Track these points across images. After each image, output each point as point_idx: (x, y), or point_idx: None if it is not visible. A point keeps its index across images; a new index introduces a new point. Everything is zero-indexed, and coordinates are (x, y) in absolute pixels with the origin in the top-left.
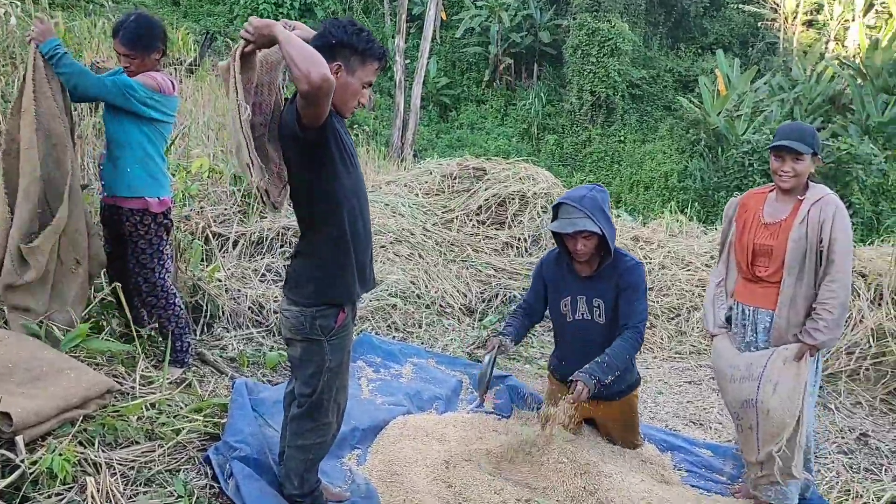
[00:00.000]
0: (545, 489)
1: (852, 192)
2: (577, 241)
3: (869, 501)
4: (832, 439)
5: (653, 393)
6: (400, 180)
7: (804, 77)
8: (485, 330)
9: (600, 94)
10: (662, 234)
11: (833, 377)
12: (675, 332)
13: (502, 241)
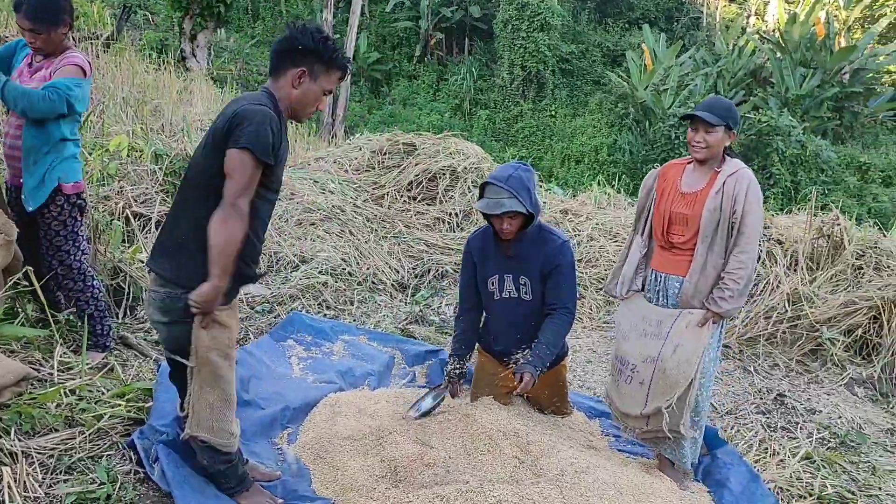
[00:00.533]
0: (476, 459)
1: (773, 163)
2: (503, 221)
3: (785, 458)
4: (751, 400)
5: (582, 362)
6: (329, 157)
7: (726, 51)
8: (417, 305)
9: (531, 68)
10: (591, 207)
11: (752, 341)
12: (604, 302)
13: (433, 216)
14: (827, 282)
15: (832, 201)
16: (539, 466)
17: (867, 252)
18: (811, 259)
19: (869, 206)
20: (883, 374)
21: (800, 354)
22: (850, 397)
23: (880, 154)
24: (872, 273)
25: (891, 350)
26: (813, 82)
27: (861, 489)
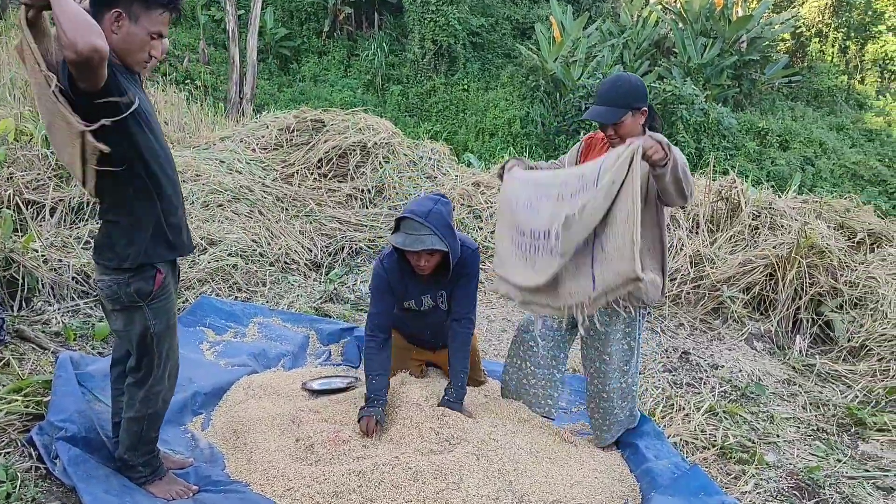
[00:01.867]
0: (393, 434)
1: (678, 131)
2: (420, 258)
3: (690, 413)
4: (658, 360)
5: (497, 331)
6: (235, 136)
7: (631, 22)
8: (331, 284)
9: (442, 42)
10: None
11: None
12: None
13: (346, 193)
14: (726, 242)
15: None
16: (456, 436)
17: (762, 213)
18: (711, 221)
19: (768, 170)
20: (779, 327)
21: (703, 313)
22: (749, 351)
23: (777, 119)
24: (767, 232)
25: (785, 305)
26: (713, 52)
27: (760, 437)
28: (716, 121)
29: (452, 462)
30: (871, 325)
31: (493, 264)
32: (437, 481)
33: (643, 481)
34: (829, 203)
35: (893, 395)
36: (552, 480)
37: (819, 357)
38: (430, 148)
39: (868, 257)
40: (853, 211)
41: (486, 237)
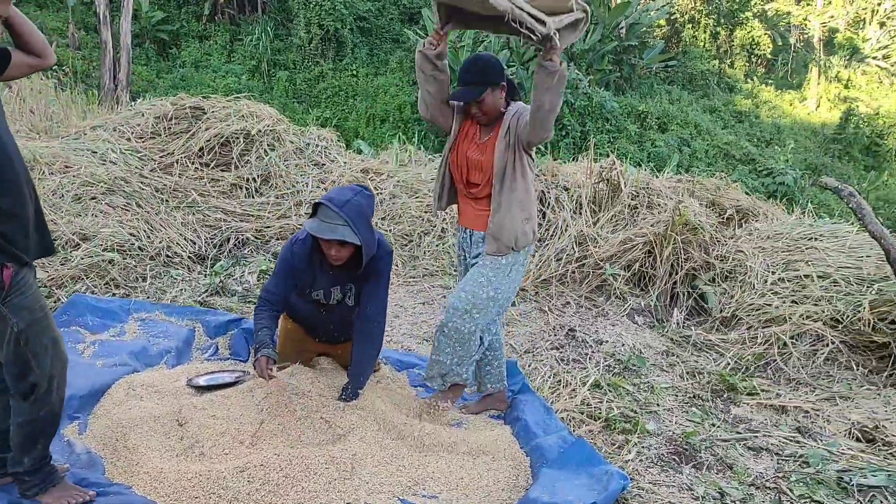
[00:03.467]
0: (286, 426)
1: (564, 115)
2: (331, 247)
3: (576, 388)
4: (546, 338)
5: (389, 317)
6: (108, 125)
7: None
8: (217, 276)
9: (329, 27)
10: (392, 165)
11: (546, 282)
12: (409, 257)
13: (230, 182)
14: (608, 222)
15: (617, 148)
16: (349, 425)
17: (641, 193)
18: (594, 202)
19: (648, 151)
20: (658, 302)
21: (588, 291)
22: (631, 326)
23: (655, 102)
24: (646, 211)
25: (663, 280)
26: (595, 37)
27: (642, 407)
28: (599, 104)
29: (345, 452)
30: (740, 296)
31: None
32: (329, 471)
33: (533, 457)
34: (700, 182)
35: (761, 360)
36: (446, 465)
37: (694, 328)
38: (317, 135)
39: (737, 232)
40: (723, 189)
41: (375, 224)
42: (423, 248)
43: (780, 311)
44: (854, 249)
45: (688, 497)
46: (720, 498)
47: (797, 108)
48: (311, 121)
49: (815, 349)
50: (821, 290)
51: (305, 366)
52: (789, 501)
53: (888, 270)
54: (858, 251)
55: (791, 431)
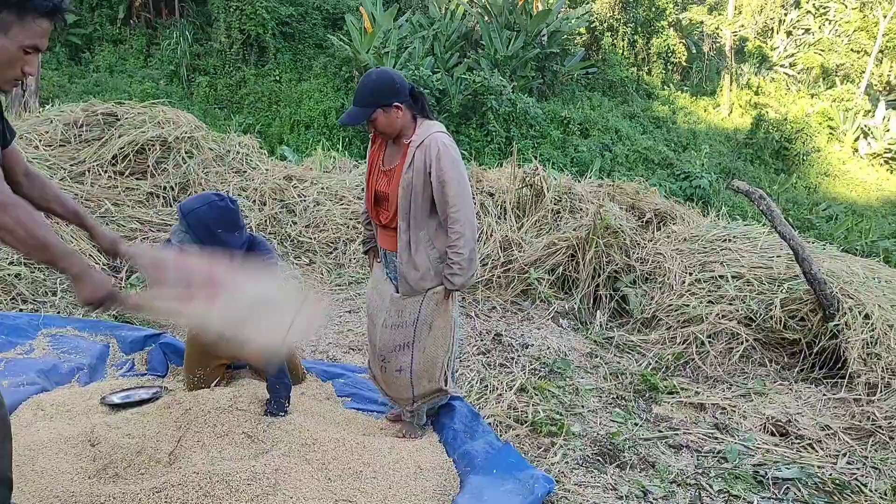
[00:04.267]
0: (206, 443)
1: (489, 121)
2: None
3: (503, 392)
4: (473, 343)
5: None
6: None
7: (440, 15)
8: (133, 288)
9: (250, 32)
10: (316, 172)
11: (472, 288)
12: (334, 265)
13: (146, 191)
14: (532, 227)
15: (541, 153)
16: (272, 438)
17: (563, 197)
18: (518, 207)
19: (572, 156)
20: (581, 304)
21: (513, 295)
22: (556, 329)
23: (577, 108)
24: (568, 216)
25: (586, 283)
26: (517, 44)
27: (567, 409)
28: (523, 110)
29: (268, 467)
30: (659, 298)
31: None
32: (251, 488)
33: (461, 464)
34: (620, 186)
35: (680, 360)
36: (373, 476)
37: (617, 330)
38: (238, 141)
39: (655, 235)
40: (642, 193)
41: (300, 231)
42: (348, 256)
43: (697, 311)
44: (765, 250)
45: (612, 497)
46: (643, 496)
47: (711, 114)
48: (233, 127)
49: (730, 347)
50: (735, 289)
51: (219, 375)
52: (709, 497)
53: (797, 270)
54: (769, 252)
55: (709, 428)
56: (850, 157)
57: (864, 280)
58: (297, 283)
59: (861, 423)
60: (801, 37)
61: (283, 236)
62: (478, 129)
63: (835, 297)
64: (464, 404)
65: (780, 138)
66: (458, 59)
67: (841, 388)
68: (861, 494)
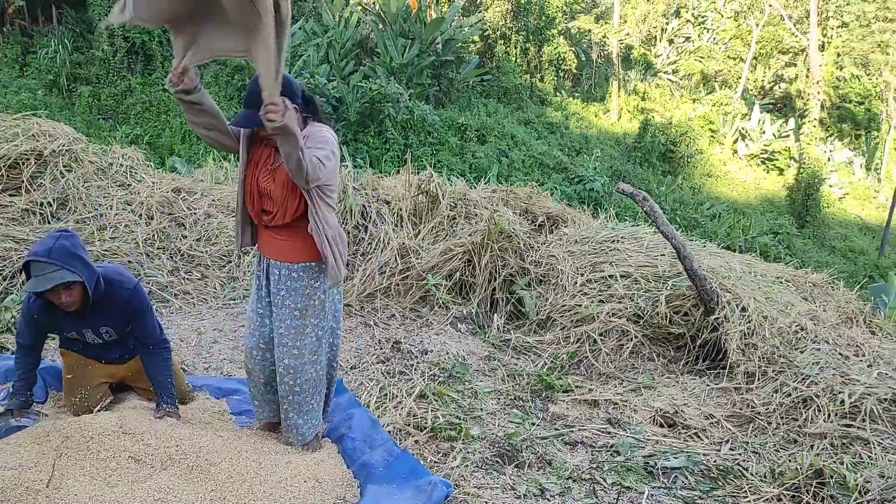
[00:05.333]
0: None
1: (387, 128)
2: (59, 295)
3: (402, 399)
4: (372, 352)
5: (207, 343)
6: None
7: (333, 22)
8: (8, 312)
9: (135, 39)
10: (207, 183)
11: (371, 296)
12: (228, 279)
13: (20, 207)
14: (429, 233)
15: (440, 160)
16: (159, 460)
17: (458, 203)
18: (414, 214)
19: (470, 162)
20: (479, 308)
21: (412, 302)
22: (455, 334)
23: (474, 115)
24: (464, 222)
25: (483, 287)
26: (412, 52)
27: (466, 413)
28: (420, 118)
29: (158, 487)
30: (554, 299)
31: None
32: None
33: (360, 475)
34: (513, 191)
35: (574, 358)
36: (269, 495)
37: (514, 332)
38: (121, 153)
39: (548, 238)
40: (535, 197)
41: (190, 245)
42: (242, 269)
43: (589, 310)
44: (651, 249)
45: (511, 496)
46: (541, 494)
47: (602, 119)
48: (119, 138)
49: (621, 344)
50: (624, 288)
51: (101, 393)
52: (603, 490)
53: (680, 267)
54: (654, 251)
55: (603, 423)
56: (731, 158)
57: (742, 275)
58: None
59: (741, 411)
60: (682, 45)
61: (172, 251)
62: (376, 136)
63: (714, 292)
64: (364, 412)
65: (666, 141)
66: (353, 66)
67: (722, 378)
68: (743, 478)
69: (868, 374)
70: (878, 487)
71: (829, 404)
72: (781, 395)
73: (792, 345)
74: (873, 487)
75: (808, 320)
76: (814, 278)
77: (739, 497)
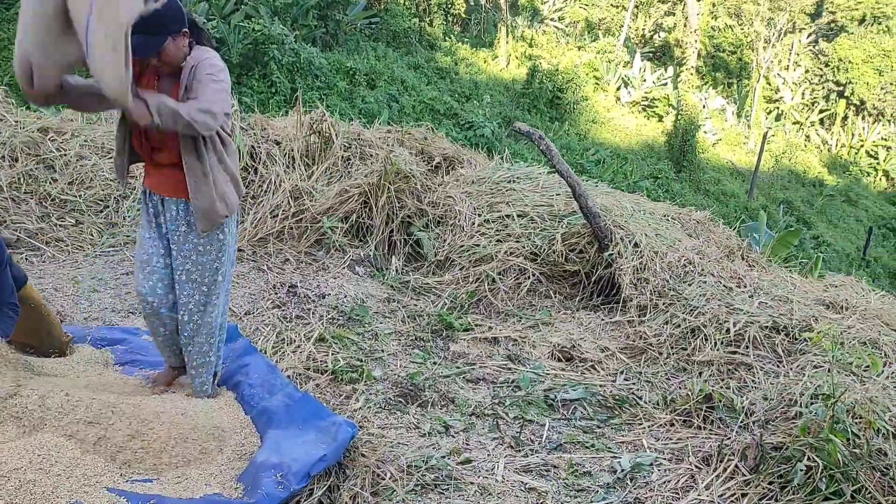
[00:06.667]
0: None
1: (272, 71)
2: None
3: (300, 343)
4: (267, 297)
5: (87, 292)
6: None
7: None
8: None
9: None
10: (78, 123)
11: (263, 240)
12: (106, 224)
13: None
14: (322, 175)
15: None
16: (39, 419)
17: (353, 144)
18: (307, 155)
19: (359, 107)
20: (377, 251)
21: (307, 246)
22: (352, 277)
23: (363, 59)
24: (359, 162)
25: (380, 229)
26: None
27: (367, 355)
28: (307, 61)
29: (40, 446)
30: (452, 240)
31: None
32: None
33: (260, 421)
34: (409, 132)
35: (474, 297)
36: (162, 443)
37: (412, 273)
38: None
39: (445, 179)
40: (430, 138)
41: (62, 189)
42: (121, 214)
43: (487, 250)
44: (546, 189)
45: (415, 434)
46: (445, 431)
47: (491, 65)
48: None
49: (518, 282)
50: (521, 227)
51: None
52: (506, 424)
53: (575, 206)
54: (550, 190)
55: (503, 360)
56: (614, 105)
57: (633, 212)
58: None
59: (634, 343)
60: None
61: (41, 195)
62: (261, 80)
63: (608, 229)
64: (260, 358)
65: (553, 88)
66: (234, 5)
67: (616, 312)
68: (638, 406)
69: (750, 303)
70: (762, 409)
71: (715, 333)
72: (672, 327)
73: (680, 278)
74: (758, 409)
75: (694, 255)
76: (697, 215)
77: (635, 424)
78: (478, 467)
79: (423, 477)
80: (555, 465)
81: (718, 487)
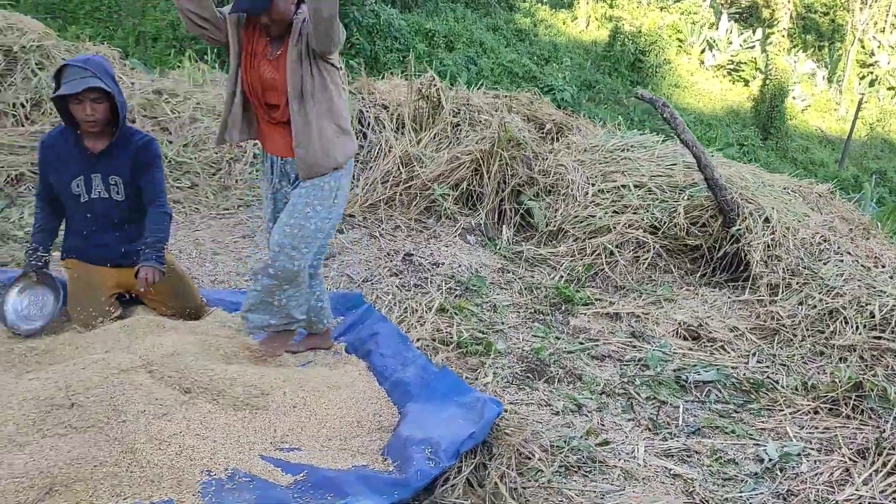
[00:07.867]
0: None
1: (353, 33)
2: (86, 106)
3: (423, 313)
4: (382, 264)
5: (209, 254)
6: None
7: None
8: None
9: None
10: (187, 86)
11: (373, 206)
12: (220, 187)
13: None
14: (431, 141)
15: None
16: (189, 381)
17: (462, 109)
18: (415, 121)
19: (438, 69)
20: (487, 220)
21: (417, 213)
22: (465, 246)
23: (442, 21)
24: (468, 129)
25: (490, 198)
26: None
27: (488, 327)
28: (387, 23)
29: (195, 415)
30: (564, 210)
31: None
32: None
33: (395, 393)
34: (516, 97)
35: (590, 270)
36: (304, 411)
37: (524, 244)
38: (94, 52)
39: (555, 146)
40: (536, 103)
41: (177, 152)
42: (234, 177)
43: (604, 221)
44: (662, 158)
45: (548, 412)
46: (578, 410)
47: (570, 27)
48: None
49: (637, 256)
50: (638, 199)
51: (108, 306)
52: (639, 405)
53: (696, 177)
54: (666, 160)
55: (627, 337)
56: (698, 69)
57: (758, 185)
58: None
59: (766, 323)
60: None
61: None
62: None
63: (735, 203)
64: (391, 327)
65: (636, 51)
66: None
67: (744, 290)
68: (776, 391)
69: (894, 284)
70: None
71: (857, 316)
72: (807, 307)
73: (815, 256)
74: None
75: (827, 231)
76: (819, 189)
77: (775, 410)
78: (617, 450)
79: (566, 458)
80: (696, 451)
81: (879, 483)
